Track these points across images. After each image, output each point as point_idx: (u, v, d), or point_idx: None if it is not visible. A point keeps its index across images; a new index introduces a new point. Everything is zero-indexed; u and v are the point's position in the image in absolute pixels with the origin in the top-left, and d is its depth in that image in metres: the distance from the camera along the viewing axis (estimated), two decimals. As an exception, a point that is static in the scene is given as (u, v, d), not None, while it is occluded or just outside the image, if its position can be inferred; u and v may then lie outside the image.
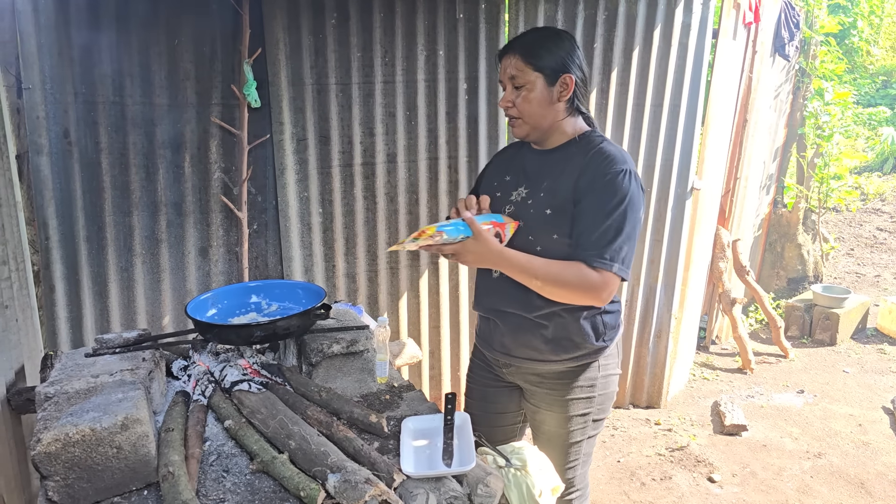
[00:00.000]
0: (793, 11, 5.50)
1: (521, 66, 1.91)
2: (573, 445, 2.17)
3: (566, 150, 2.00)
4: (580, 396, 2.09)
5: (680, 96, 3.91)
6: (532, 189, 2.01)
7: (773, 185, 6.55)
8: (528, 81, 1.92)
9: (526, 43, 1.94)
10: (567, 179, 1.93)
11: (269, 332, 2.01)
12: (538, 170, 2.03)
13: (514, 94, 1.95)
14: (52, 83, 2.71)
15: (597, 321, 2.04)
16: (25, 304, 2.37)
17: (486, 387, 2.28)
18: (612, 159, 1.90)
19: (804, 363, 5.35)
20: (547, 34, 1.96)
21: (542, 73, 1.91)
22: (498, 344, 2.14)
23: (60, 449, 1.50)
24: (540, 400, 2.14)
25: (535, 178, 2.02)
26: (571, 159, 1.96)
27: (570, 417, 2.11)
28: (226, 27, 3.01)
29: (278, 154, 3.23)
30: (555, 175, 1.98)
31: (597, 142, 1.97)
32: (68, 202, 2.85)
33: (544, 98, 1.94)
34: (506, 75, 1.96)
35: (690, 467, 3.77)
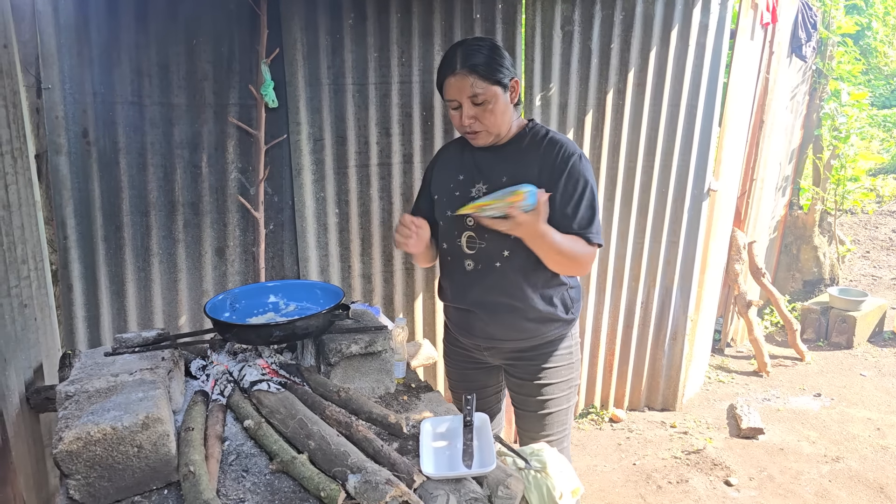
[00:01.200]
0: (810, 12, 5.46)
1: (483, 84, 2.04)
2: (555, 414, 2.35)
3: (517, 143, 2.18)
4: (562, 363, 2.32)
5: (697, 97, 3.89)
6: (491, 184, 2.15)
7: (789, 187, 6.50)
8: (491, 96, 2.06)
9: (481, 62, 2.04)
10: (527, 170, 2.12)
11: (288, 332, 2.01)
12: (493, 165, 2.18)
13: (474, 110, 2.08)
14: (71, 83, 2.73)
15: (565, 296, 2.27)
16: (44, 303, 2.38)
17: (464, 369, 2.49)
18: (565, 147, 2.13)
19: (820, 366, 5.30)
20: (490, 48, 2.08)
21: (500, 85, 2.07)
22: (479, 331, 2.30)
23: (82, 447, 1.50)
24: (524, 372, 2.34)
25: (491, 173, 2.17)
26: (525, 152, 2.16)
27: (555, 384, 2.31)
28: (244, 27, 3.01)
29: (295, 154, 3.23)
30: (513, 168, 2.14)
31: (543, 132, 2.18)
32: (86, 202, 2.86)
33: (505, 106, 2.11)
34: (462, 95, 2.06)
35: (707, 470, 3.75)
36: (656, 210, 4.04)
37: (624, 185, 3.94)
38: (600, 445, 4.05)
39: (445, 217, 2.25)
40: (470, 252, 2.20)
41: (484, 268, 2.19)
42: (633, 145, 3.89)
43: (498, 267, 2.17)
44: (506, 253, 2.15)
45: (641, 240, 4.07)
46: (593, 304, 4.13)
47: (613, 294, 4.15)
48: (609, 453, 3.96)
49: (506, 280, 2.17)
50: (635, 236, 4.07)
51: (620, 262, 4.09)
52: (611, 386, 4.38)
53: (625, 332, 4.27)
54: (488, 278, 2.19)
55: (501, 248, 2.15)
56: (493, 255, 2.17)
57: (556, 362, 2.31)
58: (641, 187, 3.97)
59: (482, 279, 2.20)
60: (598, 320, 4.18)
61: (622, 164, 3.90)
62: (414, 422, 1.84)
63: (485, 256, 2.18)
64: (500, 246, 2.15)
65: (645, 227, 4.05)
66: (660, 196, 4.02)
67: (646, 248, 4.09)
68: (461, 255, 2.23)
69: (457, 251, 2.24)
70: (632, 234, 4.05)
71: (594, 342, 4.23)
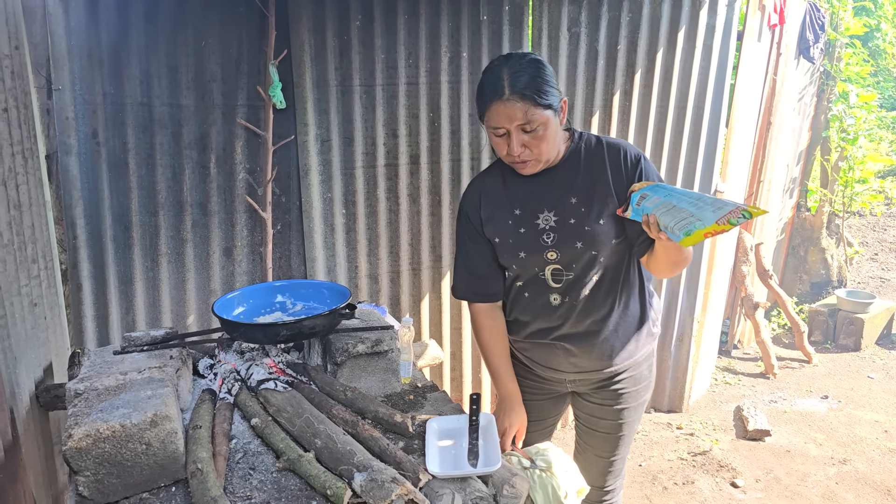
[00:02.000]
0: (818, 13, 5.45)
1: (536, 111, 1.78)
2: (629, 434, 2.22)
3: (573, 159, 1.95)
4: (643, 384, 2.17)
5: (704, 98, 3.89)
6: (561, 209, 1.94)
7: (797, 189, 6.48)
8: (543, 122, 1.80)
9: (532, 87, 1.77)
10: (598, 182, 1.91)
11: (295, 331, 2.03)
12: (552, 189, 1.95)
13: (525, 138, 1.82)
14: (81, 84, 2.75)
15: (650, 308, 2.10)
16: (53, 303, 2.40)
17: (531, 400, 2.18)
18: (629, 151, 1.94)
19: (828, 368, 5.29)
20: (535, 67, 1.81)
21: (551, 108, 1.81)
22: (569, 365, 2.09)
23: (91, 444, 1.52)
24: (603, 398, 2.15)
25: (555, 200, 1.95)
26: (585, 164, 1.94)
27: (635, 406, 2.17)
28: (252, 29, 3.03)
29: (302, 155, 3.25)
30: (580, 185, 1.92)
31: (594, 139, 1.98)
32: (96, 202, 2.88)
33: (556, 130, 1.87)
34: (513, 122, 1.79)
35: (713, 472, 3.74)
36: (663, 211, 4.03)
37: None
38: (606, 446, 4.05)
39: (519, 260, 1.99)
40: (556, 286, 1.98)
41: (572, 299, 1.98)
42: (639, 146, 3.89)
43: (587, 296, 1.98)
44: (595, 278, 1.96)
45: (648, 241, 4.07)
46: (599, 305, 4.12)
47: (620, 295, 4.15)
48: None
49: (595, 308, 1.99)
50: (642, 238, 4.06)
51: (627, 263, 4.09)
52: (617, 387, 4.37)
53: (631, 334, 4.26)
54: (579, 309, 1.99)
55: (591, 274, 1.96)
56: (582, 283, 1.97)
57: (639, 383, 2.14)
58: (648, 189, 3.97)
59: (573, 311, 2.00)
60: (605, 321, 4.18)
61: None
62: (419, 421, 1.85)
63: (573, 287, 1.98)
64: (590, 271, 1.95)
65: (651, 228, 4.04)
66: (666, 197, 4.01)
67: (652, 249, 4.09)
68: (546, 290, 2.00)
69: (539, 286, 2.01)
70: (638, 236, 4.05)
71: (600, 343, 4.22)
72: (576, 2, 3.59)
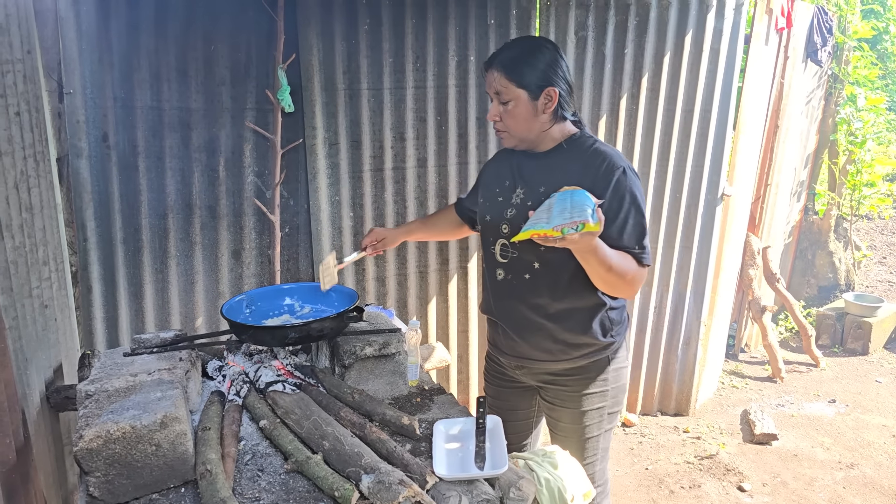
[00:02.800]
0: (825, 16, 5.43)
1: (505, 82, 1.95)
2: (590, 440, 2.22)
3: (559, 153, 2.06)
4: (594, 391, 2.15)
5: (711, 102, 3.89)
6: (528, 191, 2.06)
7: (805, 192, 6.47)
8: (513, 97, 1.96)
9: (508, 59, 1.96)
10: (567, 181, 1.94)
11: (303, 333, 2.04)
12: (533, 173, 2.08)
13: (500, 109, 2.00)
14: (92, 88, 2.77)
15: (603, 318, 2.09)
16: (64, 304, 2.42)
17: (500, 387, 2.37)
18: (610, 160, 1.97)
19: (835, 372, 5.27)
20: (528, 48, 1.99)
21: (525, 89, 1.95)
22: (508, 348, 2.20)
23: (102, 445, 1.53)
24: (554, 396, 2.21)
25: (530, 181, 2.07)
26: (568, 162, 2.02)
27: (585, 412, 2.17)
28: (261, 33, 3.05)
29: (311, 158, 3.26)
30: (553, 178, 2.00)
31: (589, 143, 2.04)
32: (106, 204, 2.91)
33: (528, 112, 1.98)
34: (491, 90, 2.00)
35: (720, 476, 3.74)
36: (670, 215, 4.04)
37: (637, 189, 3.94)
38: (613, 450, 4.02)
39: (485, 221, 2.17)
40: (502, 261, 2.10)
41: (514, 278, 2.08)
42: (646, 150, 3.90)
43: (527, 279, 2.05)
44: (536, 265, 2.03)
45: (654, 245, 4.07)
46: (606, 308, 4.12)
47: (626, 299, 4.15)
48: (621, 458, 3.96)
49: (534, 294, 2.05)
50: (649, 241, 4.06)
51: (634, 266, 4.09)
52: (623, 390, 4.37)
53: (638, 337, 4.26)
54: (517, 290, 2.08)
55: (533, 260, 2.03)
56: (525, 265, 2.05)
57: (591, 389, 2.14)
58: (655, 192, 3.98)
59: (511, 290, 2.10)
60: (611, 325, 4.18)
61: (636, 169, 3.89)
62: (426, 423, 1.86)
63: (516, 266, 2.07)
64: (532, 257, 2.03)
65: (658, 231, 4.05)
66: (673, 201, 4.02)
67: (659, 252, 4.09)
68: (494, 264, 2.14)
69: (491, 259, 2.15)
70: (645, 239, 4.05)
71: (607, 346, 4.23)
72: (583, 6, 3.60)
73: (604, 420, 2.21)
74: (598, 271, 1.88)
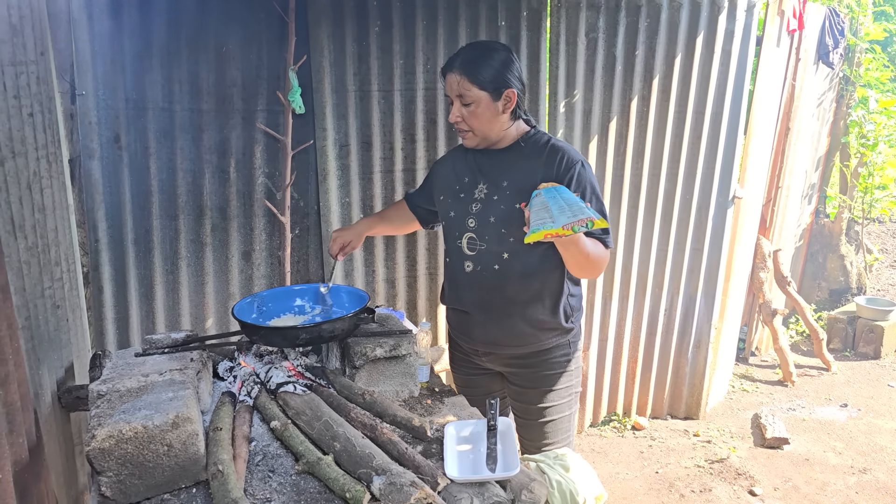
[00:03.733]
0: (837, 18, 5.41)
1: (467, 85, 2.07)
2: (561, 420, 2.35)
3: (517, 149, 2.20)
4: (560, 370, 2.32)
5: (722, 104, 3.87)
6: (492, 186, 2.19)
7: (816, 195, 6.43)
8: (475, 99, 2.09)
9: (469, 63, 2.08)
10: (529, 176, 2.12)
11: (314, 334, 2.04)
12: (493, 168, 2.21)
13: (462, 110, 2.12)
14: (104, 89, 2.78)
15: (566, 304, 2.25)
16: (75, 305, 2.42)
17: (468, 375, 2.49)
18: (568, 155, 2.12)
19: (847, 376, 5.24)
20: (487, 51, 2.10)
21: (486, 91, 2.08)
22: (478, 334, 2.31)
23: (114, 445, 1.53)
24: (523, 379, 2.35)
25: (492, 176, 2.20)
26: (527, 157, 2.17)
27: (555, 391, 2.31)
28: (272, 35, 3.06)
29: (321, 159, 3.27)
30: (514, 172, 2.16)
31: (545, 140, 2.19)
32: (117, 205, 2.92)
33: (491, 113, 2.12)
34: (452, 92, 2.12)
35: (731, 480, 3.72)
36: (680, 217, 4.03)
37: (648, 191, 3.93)
38: (622, 453, 4.03)
39: (449, 217, 2.29)
40: (470, 253, 2.22)
41: (483, 269, 2.20)
42: (657, 152, 3.88)
43: (497, 269, 2.18)
44: (505, 255, 2.16)
45: (665, 247, 4.06)
46: (616, 311, 4.12)
47: (637, 301, 4.14)
48: (631, 461, 3.94)
49: (504, 283, 2.18)
50: (659, 243, 4.05)
51: (644, 269, 4.08)
52: (633, 393, 4.36)
53: (648, 340, 4.25)
54: (487, 281, 2.20)
55: (501, 251, 2.16)
56: (493, 257, 2.18)
57: (555, 369, 2.31)
58: (665, 194, 3.96)
59: (481, 281, 2.21)
60: (621, 327, 4.17)
61: (646, 171, 3.89)
62: (438, 425, 1.86)
63: (484, 258, 2.19)
64: (500, 248, 2.16)
65: (669, 234, 4.03)
66: (684, 203, 4.00)
67: (669, 255, 4.08)
68: (461, 257, 2.25)
69: (457, 252, 2.26)
70: (655, 242, 4.04)
71: (617, 349, 4.22)
72: (593, 7, 3.59)
73: (572, 399, 2.38)
74: (577, 259, 2.04)
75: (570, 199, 1.88)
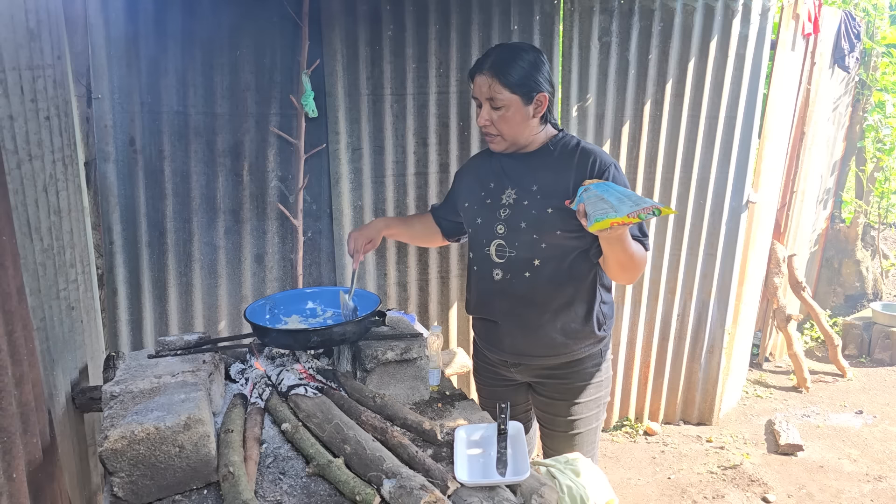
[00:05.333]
0: (853, 22, 5.37)
1: (498, 88, 2.01)
2: (588, 432, 2.30)
3: (546, 153, 2.14)
4: (592, 381, 2.26)
5: (736, 108, 3.85)
6: (521, 190, 2.13)
7: (831, 200, 6.39)
8: (506, 103, 2.03)
9: (500, 64, 2.01)
10: (560, 179, 2.07)
11: (326, 337, 2.05)
12: (522, 172, 2.15)
13: (491, 114, 2.06)
14: (119, 93, 2.81)
15: (598, 312, 2.19)
16: (90, 306, 2.44)
17: (493, 387, 2.43)
18: (600, 158, 2.08)
19: (863, 383, 5.19)
20: (519, 54, 2.04)
21: (517, 95, 2.02)
22: (508, 345, 2.25)
23: (126, 446, 1.54)
24: (553, 390, 2.28)
25: (520, 180, 2.14)
26: (557, 161, 2.11)
27: (583, 403, 2.25)
28: (286, 39, 3.08)
29: (334, 163, 3.28)
30: (544, 176, 2.11)
31: (574, 143, 2.14)
32: (132, 208, 2.94)
33: (522, 117, 2.06)
34: (482, 95, 2.05)
35: (744, 486, 3.69)
36: (693, 222, 4.01)
37: (661, 196, 3.92)
38: (634, 458, 4.01)
39: (475, 224, 2.23)
40: (499, 261, 2.16)
41: (513, 277, 2.14)
42: (670, 156, 3.87)
43: (527, 277, 2.12)
44: (536, 262, 2.10)
45: (678, 252, 4.04)
46: (629, 316, 4.10)
47: (649, 306, 4.12)
48: (643, 467, 3.92)
49: (535, 291, 2.12)
50: (672, 248, 4.03)
51: (656, 273, 4.06)
52: (645, 399, 4.34)
53: (660, 345, 4.23)
54: (517, 288, 2.14)
55: (532, 257, 2.11)
56: (524, 264, 2.12)
57: (585, 380, 2.24)
58: (679, 198, 3.95)
59: (511, 289, 2.15)
60: (634, 332, 4.16)
61: (659, 175, 3.88)
62: (448, 429, 1.85)
63: (514, 265, 2.14)
64: (531, 254, 2.11)
65: (682, 238, 4.02)
66: (697, 207, 3.99)
67: (682, 259, 4.06)
68: (490, 265, 2.19)
69: (485, 260, 2.20)
70: (668, 246, 4.02)
71: (629, 354, 4.20)
72: (607, 12, 3.58)
73: (600, 410, 2.33)
74: (620, 258, 1.97)
75: (624, 190, 1.86)
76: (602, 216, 1.78)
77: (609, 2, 3.57)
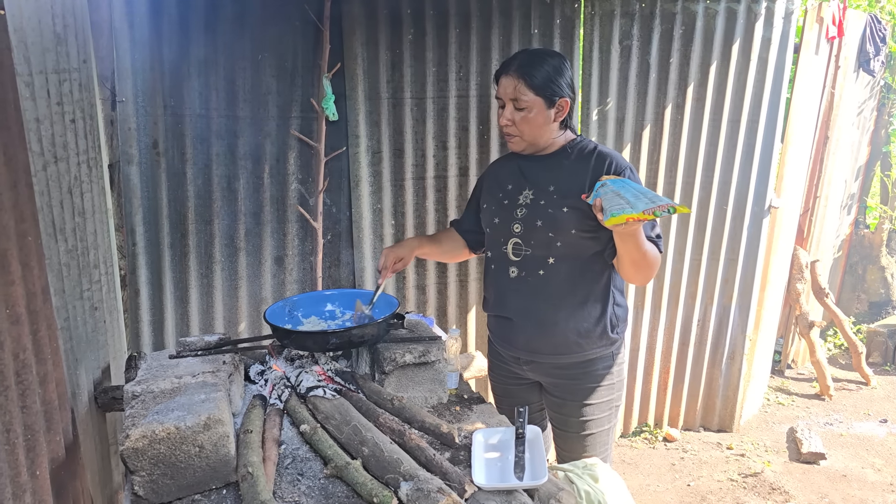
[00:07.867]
0: (879, 25, 5.30)
1: (524, 89, 2.08)
2: (600, 434, 2.31)
3: (563, 156, 2.20)
4: (604, 383, 2.27)
5: (758, 112, 3.82)
6: (538, 191, 2.18)
7: (855, 205, 6.30)
8: (529, 104, 2.10)
9: (526, 67, 2.08)
10: (576, 181, 2.12)
11: (344, 339, 2.06)
12: (539, 173, 2.21)
13: (514, 114, 2.12)
14: (143, 96, 2.84)
15: (612, 313, 2.23)
16: (112, 307, 2.48)
17: (507, 385, 2.47)
18: (616, 161, 2.13)
19: (887, 391, 5.11)
20: (545, 58, 2.12)
21: (542, 98, 2.09)
22: (521, 342, 2.28)
23: (147, 445, 1.56)
24: (564, 391, 2.30)
25: (538, 181, 2.20)
26: (574, 162, 2.17)
27: (595, 404, 2.27)
28: (307, 43, 3.10)
29: (353, 166, 3.29)
30: (561, 178, 2.16)
31: (591, 146, 2.19)
32: (154, 210, 2.97)
33: (543, 119, 2.13)
34: (506, 95, 2.12)
35: (765, 494, 3.65)
36: (714, 226, 3.98)
37: (681, 200, 3.89)
38: (653, 465, 3.98)
39: (493, 224, 2.28)
40: (515, 259, 2.21)
41: (528, 275, 2.18)
42: (691, 160, 3.84)
43: (542, 275, 2.16)
44: (551, 260, 2.15)
45: (699, 257, 4.01)
46: (648, 321, 4.08)
47: (669, 311, 4.10)
48: (662, 473, 3.89)
49: (549, 289, 2.16)
50: (692, 253, 4.00)
51: (677, 278, 4.04)
52: (665, 404, 4.31)
53: (680, 350, 4.20)
54: (532, 286, 2.18)
55: (547, 256, 2.15)
56: (539, 262, 2.16)
57: (596, 381, 2.26)
58: (700, 203, 3.92)
59: (526, 286, 2.19)
60: (653, 337, 4.13)
61: (680, 179, 3.85)
62: (466, 432, 1.86)
63: (530, 263, 2.18)
64: (546, 253, 2.15)
65: (703, 243, 3.98)
66: (718, 212, 3.95)
67: (703, 265, 4.03)
68: (506, 263, 2.23)
69: (502, 258, 2.24)
70: (689, 251, 3.99)
71: (649, 359, 4.17)
72: (628, 15, 3.57)
73: (612, 413, 2.34)
74: (633, 255, 2.03)
75: (640, 188, 1.90)
76: (619, 211, 1.83)
77: (630, 5, 3.56)
